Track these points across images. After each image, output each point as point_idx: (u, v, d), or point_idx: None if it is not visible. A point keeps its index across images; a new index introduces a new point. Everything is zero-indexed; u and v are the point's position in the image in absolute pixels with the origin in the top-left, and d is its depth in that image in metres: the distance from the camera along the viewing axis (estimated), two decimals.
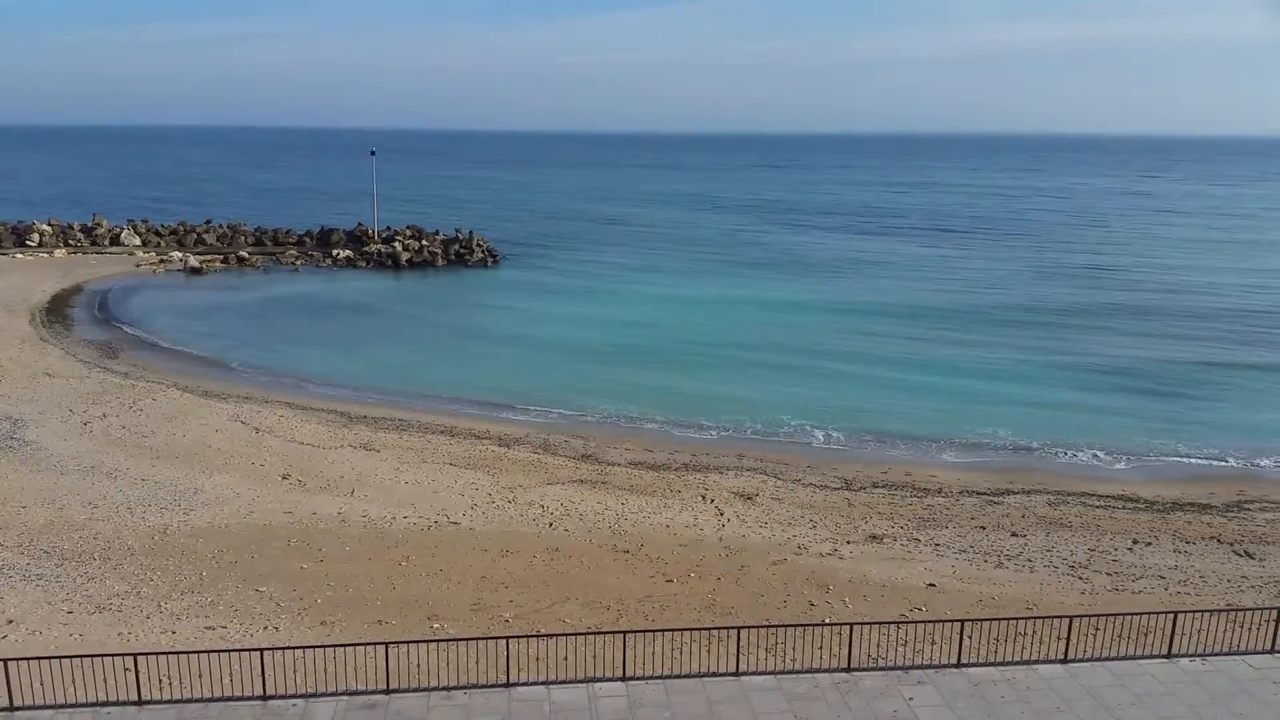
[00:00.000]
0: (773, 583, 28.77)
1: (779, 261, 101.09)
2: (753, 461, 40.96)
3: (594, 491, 36.65)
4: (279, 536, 31.29)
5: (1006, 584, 29.11)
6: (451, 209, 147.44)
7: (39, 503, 33.46)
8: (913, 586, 28.69)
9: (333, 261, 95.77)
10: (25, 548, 29.65)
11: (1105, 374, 56.78)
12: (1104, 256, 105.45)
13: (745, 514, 34.64)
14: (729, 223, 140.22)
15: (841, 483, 38.41)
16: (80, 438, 40.67)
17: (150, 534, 31.15)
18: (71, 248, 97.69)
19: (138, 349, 59.83)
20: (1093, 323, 71.17)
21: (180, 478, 36.38)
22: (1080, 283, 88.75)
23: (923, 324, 70.23)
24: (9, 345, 57.24)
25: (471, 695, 20.15)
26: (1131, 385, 54.43)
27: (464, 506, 34.59)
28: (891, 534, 32.96)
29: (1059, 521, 34.47)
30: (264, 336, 64.69)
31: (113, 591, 26.99)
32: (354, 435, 42.92)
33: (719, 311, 74.26)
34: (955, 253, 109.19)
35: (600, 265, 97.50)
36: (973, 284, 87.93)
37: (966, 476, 39.64)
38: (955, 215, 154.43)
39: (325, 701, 19.89)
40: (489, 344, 63.62)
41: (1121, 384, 54.76)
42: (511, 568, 29.47)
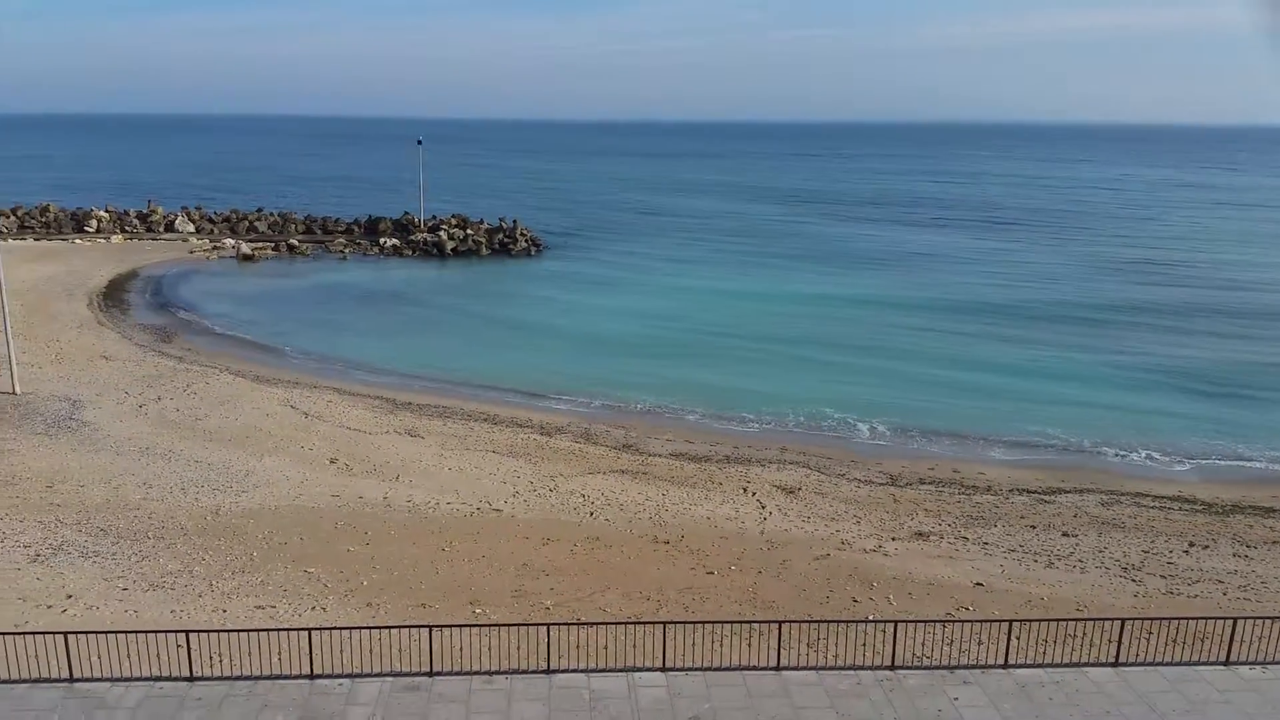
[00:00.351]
0: (815, 578, 28.61)
1: (822, 253, 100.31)
2: (795, 455, 40.71)
3: (635, 482, 36.67)
4: (327, 519, 31.73)
5: (1056, 584, 28.66)
6: (495, 197, 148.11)
7: (96, 482, 34.22)
8: (960, 585, 28.36)
9: (379, 250, 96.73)
10: (83, 525, 30.34)
11: (1161, 373, 55.35)
12: (1160, 251, 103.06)
13: (787, 508, 34.46)
14: (771, 213, 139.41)
15: (887, 478, 38.06)
16: (136, 419, 41.50)
17: (203, 514, 31.74)
18: (128, 234, 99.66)
19: (192, 333, 60.93)
20: (1148, 320, 69.43)
21: (232, 460, 37.01)
22: (1135, 278, 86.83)
23: (970, 318, 69.25)
24: (68, 328, 58.56)
25: (513, 680, 20.29)
26: (1189, 385, 52.94)
27: (506, 494, 34.80)
28: (938, 531, 32.60)
29: (1112, 522, 33.84)
30: (313, 323, 65.55)
31: (166, 570, 27.54)
32: (399, 421, 43.35)
33: (761, 303, 73.79)
34: (1003, 245, 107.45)
35: (642, 255, 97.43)
36: (1021, 278, 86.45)
37: (1016, 474, 39.07)
38: (1002, 206, 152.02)
39: (370, 681, 20.15)
40: (532, 333, 63.89)
41: (1178, 383, 53.32)
42: (552, 556, 29.61)
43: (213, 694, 19.66)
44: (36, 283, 71.75)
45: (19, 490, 33.16)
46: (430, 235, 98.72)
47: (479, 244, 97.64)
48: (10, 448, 37.40)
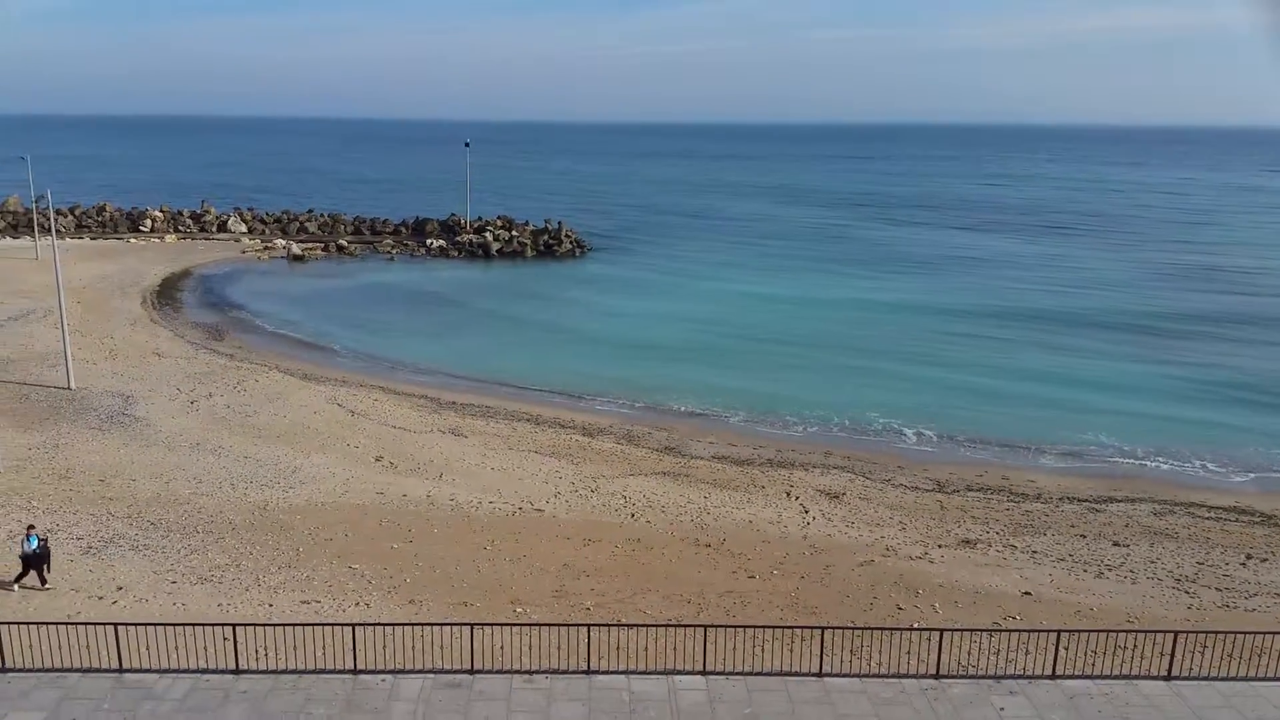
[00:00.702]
0: (859, 584, 28.29)
1: (866, 256, 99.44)
2: (840, 459, 40.35)
3: (677, 484, 36.56)
4: (371, 516, 32.00)
5: (1107, 595, 28.08)
6: (539, 199, 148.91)
7: (147, 476, 34.83)
8: (1007, 594, 27.89)
9: (426, 251, 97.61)
10: (134, 519, 30.88)
11: (1219, 383, 53.75)
12: (1219, 257, 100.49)
13: (831, 513, 34.14)
14: (815, 216, 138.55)
15: (933, 484, 37.57)
16: (187, 415, 42.21)
17: (251, 509, 32.17)
18: (181, 234, 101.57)
19: (242, 332, 61.90)
20: (1205, 328, 67.62)
21: (280, 456, 37.48)
22: (1193, 285, 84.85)
23: (1019, 324, 68.17)
24: (122, 326, 59.76)
25: (553, 680, 20.28)
26: (1248, 396, 51.38)
27: (548, 494, 34.86)
28: (986, 539, 32.10)
29: (1165, 532, 33.10)
30: (360, 322, 66.28)
31: (214, 564, 27.93)
32: (443, 420, 43.65)
33: (805, 307, 73.29)
34: (1053, 249, 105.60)
35: (685, 258, 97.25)
36: (1072, 283, 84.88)
37: (1067, 482, 38.36)
38: (1052, 209, 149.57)
39: (413, 678, 20.25)
40: (576, 334, 64.03)
41: (1237, 394, 51.76)
42: (593, 556, 29.59)
43: (258, 687, 19.87)
44: (92, 281, 73.33)
45: (73, 484, 33.85)
46: (476, 236, 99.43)
47: (524, 245, 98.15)
48: (65, 442, 38.20)
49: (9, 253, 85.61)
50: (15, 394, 44.28)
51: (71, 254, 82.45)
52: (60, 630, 20.73)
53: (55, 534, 29.18)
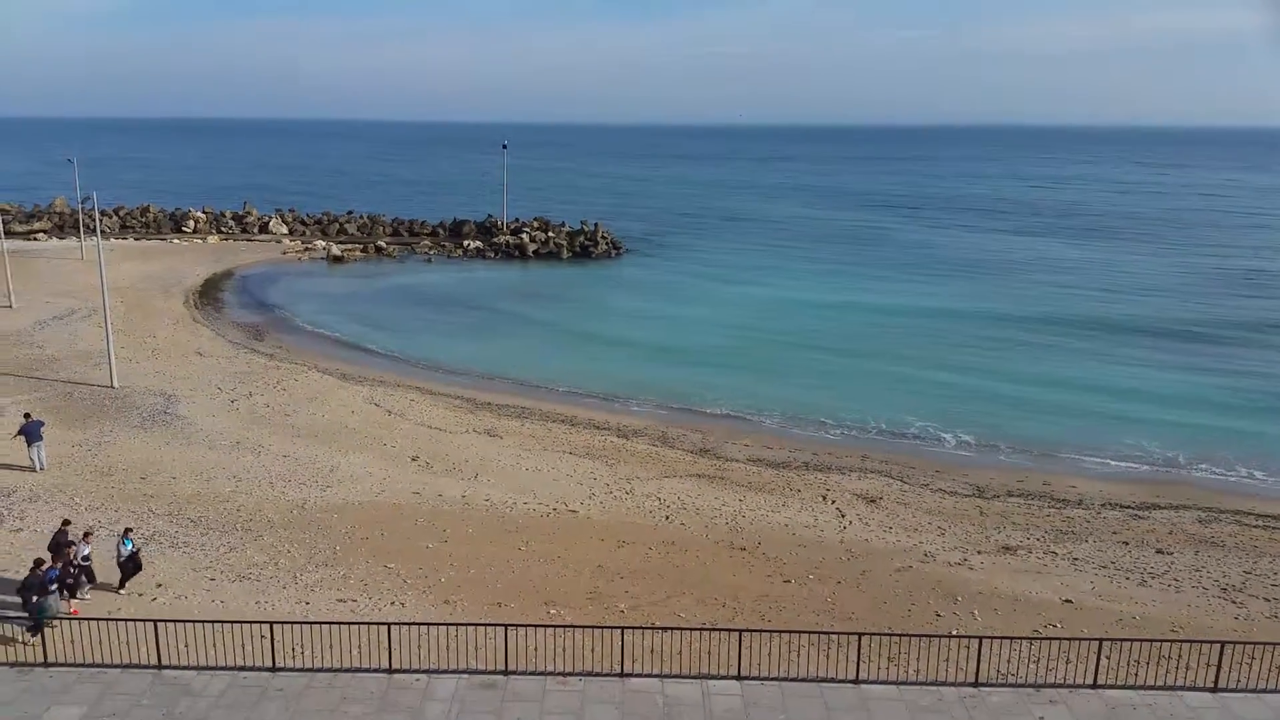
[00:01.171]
0: (896, 590, 27.97)
1: (905, 259, 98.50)
2: (877, 463, 39.96)
3: (712, 486, 36.40)
4: (407, 516, 32.16)
5: (1150, 604, 27.55)
6: (576, 201, 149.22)
7: (188, 475, 35.25)
8: (1047, 601, 27.45)
9: (463, 252, 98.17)
10: (174, 516, 31.26)
11: (1266, 391, 52.41)
12: (1265, 261, 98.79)
13: (868, 517, 33.81)
14: (855, 218, 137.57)
15: (973, 489, 37.09)
16: (227, 414, 42.70)
17: (289, 508, 32.44)
18: (223, 234, 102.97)
19: (282, 332, 62.56)
20: (1251, 334, 65.99)
21: (318, 455, 37.79)
22: (1238, 289, 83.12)
23: (1061, 328, 67.16)
24: (165, 325, 60.62)
25: (586, 682, 20.26)
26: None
27: (582, 495, 34.84)
28: (1026, 545, 31.62)
29: (1210, 540, 32.42)
30: (398, 323, 66.76)
31: (252, 561, 28.19)
32: (479, 421, 43.79)
33: (842, 310, 72.71)
34: (1096, 253, 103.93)
35: (721, 259, 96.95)
36: (1116, 287, 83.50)
37: (1109, 488, 37.70)
38: (1095, 212, 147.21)
39: (447, 678, 20.31)
40: (611, 336, 64.00)
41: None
42: (627, 559, 29.52)
43: (294, 684, 20.02)
44: (136, 281, 74.49)
45: (114, 481, 34.33)
46: (512, 238, 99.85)
47: (560, 247, 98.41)
48: (107, 440, 38.77)
49: (55, 253, 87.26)
50: (60, 392, 45.03)
51: (116, 254, 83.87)
52: (101, 626, 21.02)
53: (96, 531, 29.58)
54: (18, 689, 19.69)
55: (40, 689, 19.68)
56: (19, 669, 20.41)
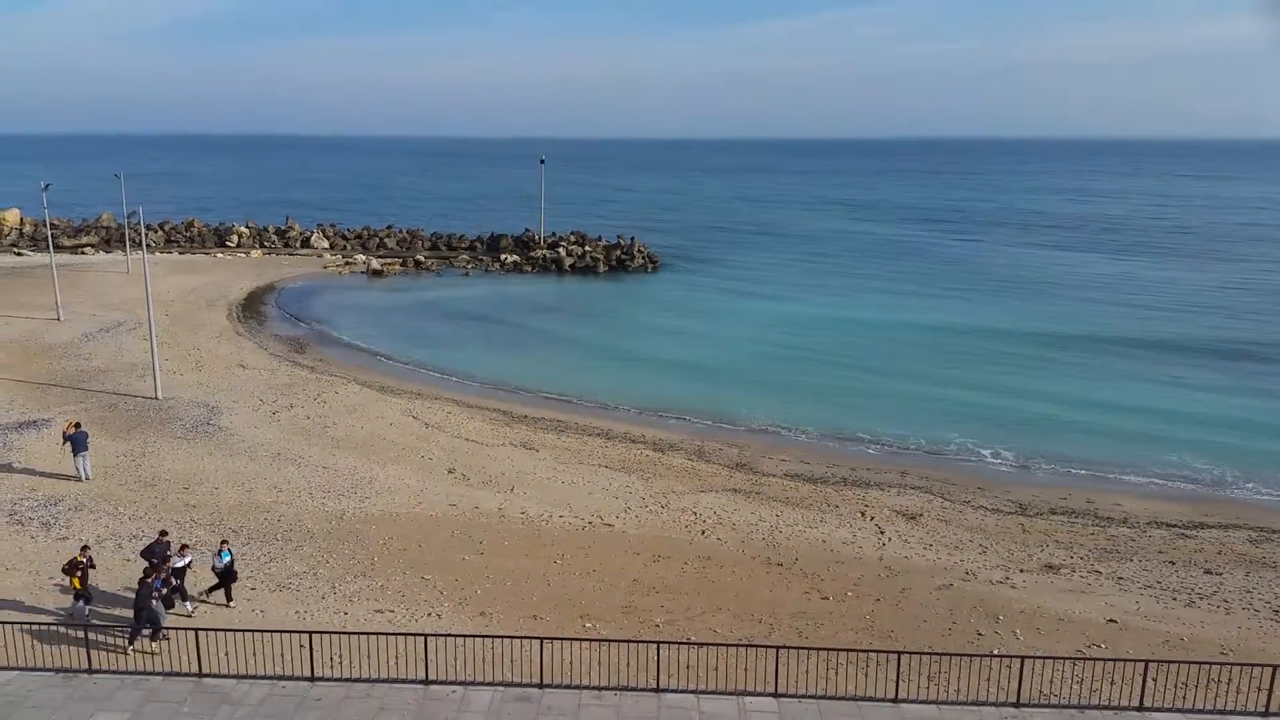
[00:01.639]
0: (937, 608, 27.60)
1: (943, 274, 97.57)
2: (917, 479, 39.52)
3: (748, 501, 36.18)
4: (444, 528, 32.28)
5: (1198, 625, 26.94)
6: (613, 215, 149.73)
7: (230, 485, 35.66)
8: (1092, 621, 26.94)
9: (500, 266, 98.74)
10: (216, 526, 31.61)
11: None
12: None
13: (908, 534, 33.42)
14: (892, 232, 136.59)
15: (1015, 507, 36.56)
16: (269, 426, 43.17)
17: (328, 518, 32.70)
18: (266, 249, 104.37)
19: (323, 344, 63.24)
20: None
21: (357, 467, 38.08)
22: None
23: (1106, 345, 66.08)
24: (208, 338, 61.50)
25: (622, 697, 20.17)
26: None
27: (618, 509, 34.78)
28: (1070, 564, 31.08)
29: (1261, 560, 31.66)
30: (436, 336, 67.23)
31: (292, 571, 28.42)
32: (515, 434, 43.92)
33: (880, 325, 72.11)
34: (1141, 270, 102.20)
35: (758, 273, 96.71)
36: (1162, 303, 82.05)
37: (1155, 507, 36.98)
38: (1140, 226, 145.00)
39: (483, 690, 20.32)
40: (647, 349, 63.97)
41: None
42: (663, 573, 29.39)
43: (332, 695, 20.13)
44: (180, 294, 75.70)
45: (158, 491, 34.81)
46: (549, 252, 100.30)
47: (596, 261, 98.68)
48: (151, 450, 39.34)
49: (102, 266, 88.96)
50: (105, 403, 45.79)
51: (161, 268, 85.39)
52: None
53: (140, 541, 29.99)
54: (64, 694, 19.97)
55: (85, 695, 19.95)
56: (65, 675, 20.71)
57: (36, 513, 32.13)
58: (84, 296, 72.37)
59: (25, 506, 32.63)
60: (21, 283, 78.33)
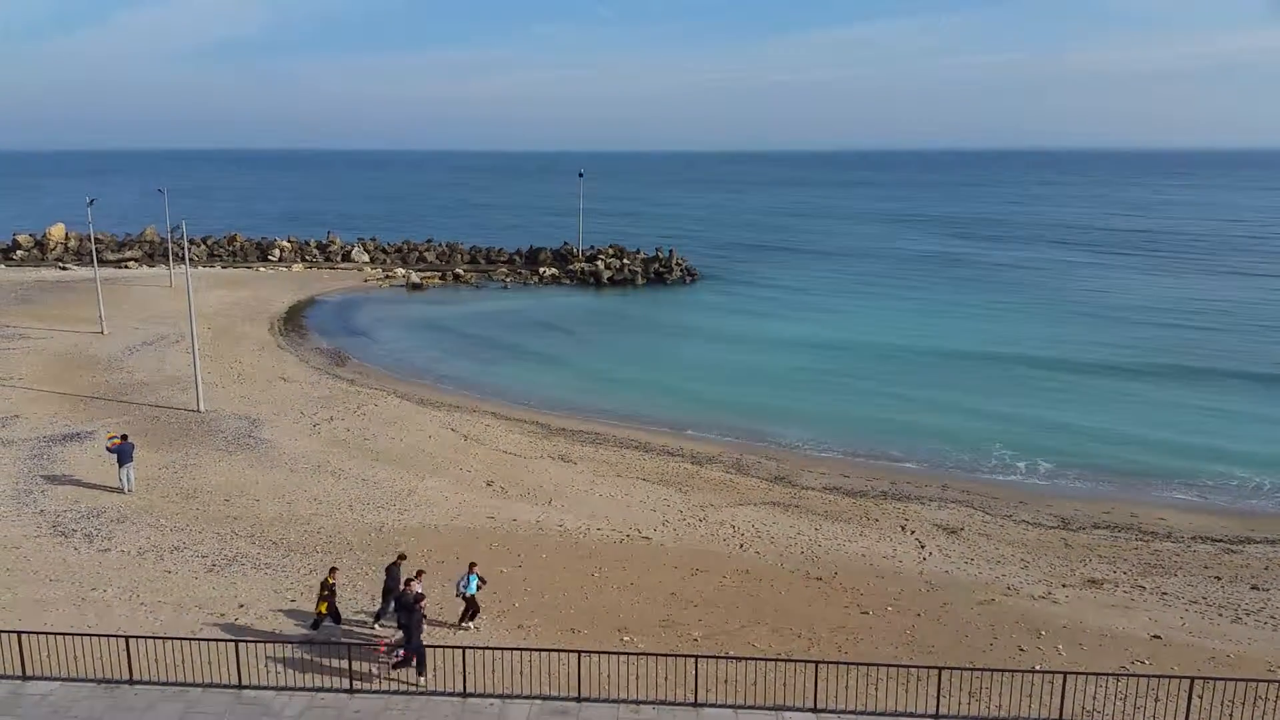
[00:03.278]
0: (978, 623, 27.25)
1: (983, 288, 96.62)
2: (957, 493, 39.12)
3: (787, 515, 36.00)
4: (482, 540, 32.41)
5: (1244, 641, 26.38)
6: (652, 227, 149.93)
7: (271, 497, 36.07)
8: (1135, 637, 26.46)
9: (539, 279, 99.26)
10: (257, 538, 31.98)
11: None
12: None
13: (949, 548, 33.06)
14: (930, 246, 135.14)
15: (1058, 521, 36.05)
16: (309, 438, 43.64)
17: (367, 530, 32.96)
18: (307, 263, 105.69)
19: (363, 357, 63.87)
20: None
21: (396, 479, 38.38)
22: None
23: (1148, 354, 65.23)
24: (250, 351, 62.35)
25: (660, 711, 20.11)
26: None
27: (656, 522, 34.73)
28: (1113, 579, 30.58)
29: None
30: (474, 349, 67.66)
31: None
32: (553, 447, 44.04)
33: (920, 336, 71.57)
34: (1180, 283, 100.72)
35: (797, 285, 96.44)
36: (1201, 316, 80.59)
37: (1200, 520, 36.34)
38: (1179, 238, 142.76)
39: (520, 703, 20.35)
40: (685, 362, 63.92)
41: None
42: (701, 587, 29.29)
43: (370, 707, 20.25)
44: (223, 308, 76.86)
45: (200, 503, 35.29)
46: (588, 265, 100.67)
47: (634, 273, 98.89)
48: (193, 462, 39.91)
49: (146, 280, 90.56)
50: (148, 415, 46.55)
51: (203, 282, 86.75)
52: (184, 645, 21.55)
53: (181, 552, 30.42)
54: (105, 705, 20.27)
55: (127, 706, 20.23)
56: (106, 685, 21.01)
57: (80, 524, 32.67)
58: (127, 310, 73.68)
59: (69, 518, 33.21)
60: (66, 297, 79.89)
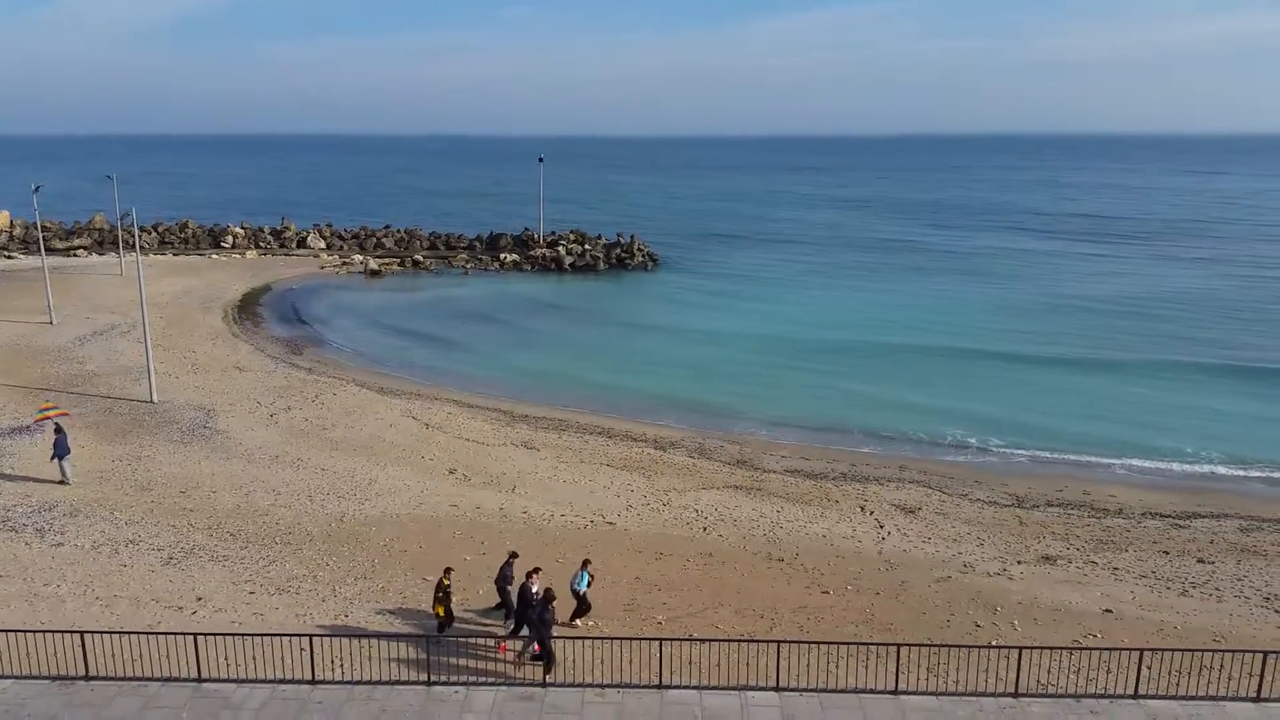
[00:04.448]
0: (935, 601, 27.73)
1: (943, 267, 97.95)
2: (915, 474, 39.66)
3: (749, 498, 36.31)
4: (445, 528, 32.36)
5: (1191, 613, 27.10)
6: (614, 213, 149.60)
7: (227, 488, 35.71)
8: (1088, 612, 27.09)
9: (500, 265, 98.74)
10: (214, 530, 31.68)
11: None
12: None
13: (907, 528, 33.56)
14: (890, 229, 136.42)
15: (1012, 499, 36.71)
16: (266, 429, 43.21)
17: (328, 521, 32.77)
18: (261, 250, 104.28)
19: (320, 346, 63.25)
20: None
21: (357, 469, 38.14)
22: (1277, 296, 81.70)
23: (1099, 334, 66.50)
24: (204, 340, 61.48)
25: (625, 694, 20.29)
26: None
27: (619, 507, 34.88)
28: (1066, 555, 31.24)
29: (1252, 549, 31.86)
30: (435, 336, 67.25)
31: (291, 575, 28.48)
32: (516, 434, 43.99)
33: (878, 319, 72.34)
34: (1130, 261, 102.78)
35: (757, 270, 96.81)
36: (1151, 295, 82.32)
37: (1150, 497, 37.20)
38: (1131, 219, 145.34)
39: (485, 690, 20.41)
40: (647, 348, 64.03)
41: None
42: (665, 570, 29.49)
43: (333, 697, 20.21)
44: (175, 296, 75.64)
45: (155, 495, 34.85)
46: (549, 251, 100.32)
47: (596, 259, 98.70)
48: (147, 454, 39.37)
49: (95, 269, 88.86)
50: (100, 407, 45.81)
51: (155, 270, 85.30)
52: (141, 640, 21.35)
53: (137, 545, 30.06)
54: (61, 702, 20.04)
55: (83, 702, 20.01)
56: (62, 682, 20.76)
57: (30, 519, 32.12)
58: (77, 299, 72.28)
59: (19, 513, 32.62)
60: (12, 286, 77.89)
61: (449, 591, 24.27)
